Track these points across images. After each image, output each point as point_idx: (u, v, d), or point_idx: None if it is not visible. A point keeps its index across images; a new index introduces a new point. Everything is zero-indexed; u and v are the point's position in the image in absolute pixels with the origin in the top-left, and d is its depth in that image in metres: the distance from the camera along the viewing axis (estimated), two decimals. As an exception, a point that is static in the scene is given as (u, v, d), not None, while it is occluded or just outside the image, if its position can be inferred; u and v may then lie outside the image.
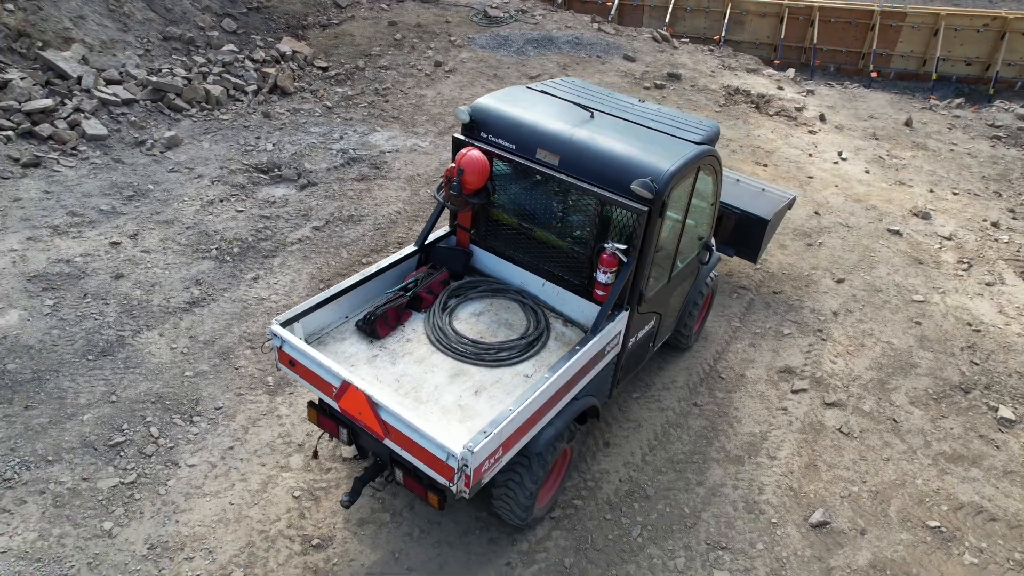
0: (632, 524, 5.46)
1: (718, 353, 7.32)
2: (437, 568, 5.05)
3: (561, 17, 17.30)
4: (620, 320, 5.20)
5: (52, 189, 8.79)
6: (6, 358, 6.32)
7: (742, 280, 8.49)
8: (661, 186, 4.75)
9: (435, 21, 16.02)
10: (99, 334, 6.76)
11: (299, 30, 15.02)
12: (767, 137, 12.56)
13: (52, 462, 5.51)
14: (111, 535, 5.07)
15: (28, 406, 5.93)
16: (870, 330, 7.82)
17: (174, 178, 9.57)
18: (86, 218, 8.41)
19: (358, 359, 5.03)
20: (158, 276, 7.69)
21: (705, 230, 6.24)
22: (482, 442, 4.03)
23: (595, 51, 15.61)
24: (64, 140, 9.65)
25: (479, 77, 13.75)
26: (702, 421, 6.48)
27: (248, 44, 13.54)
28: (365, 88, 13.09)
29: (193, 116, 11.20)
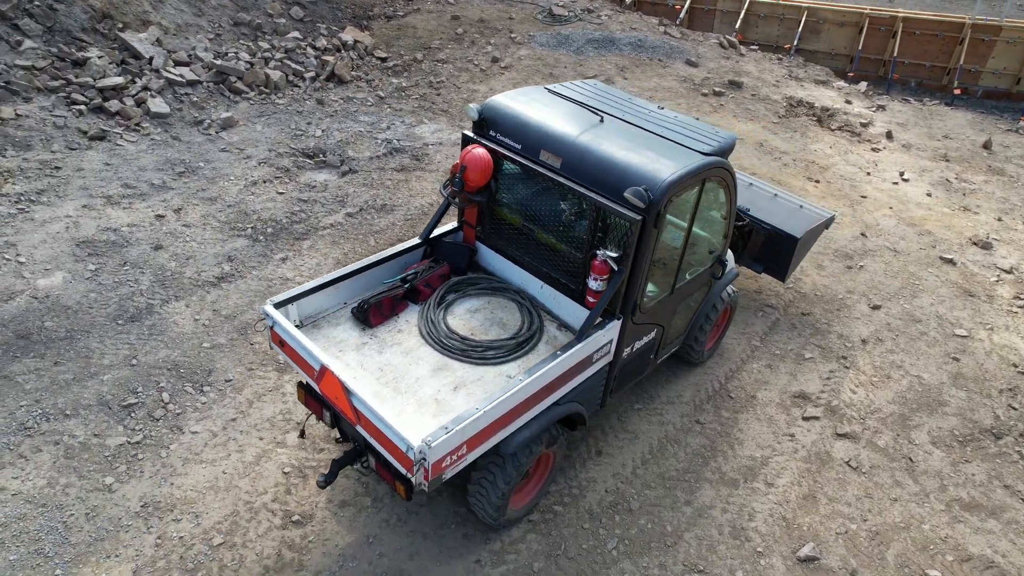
0: (610, 536, 5.38)
1: (731, 371, 7.10)
2: (407, 557, 5.13)
3: (627, 18, 17.07)
4: (611, 329, 5.13)
5: (112, 162, 9.36)
6: (46, 316, 6.79)
7: (770, 298, 8.19)
8: (657, 195, 4.65)
9: (498, 17, 16.10)
10: (131, 301, 7.17)
11: (364, 20, 15.40)
12: (824, 152, 12.04)
13: (69, 416, 5.89)
14: (111, 490, 5.39)
15: (57, 362, 6.36)
16: (900, 362, 7.41)
17: (224, 157, 10.01)
18: (138, 191, 8.91)
19: (347, 345, 5.16)
20: (194, 250, 8.08)
21: (717, 244, 6.06)
22: (441, 438, 4.07)
23: (657, 54, 15.33)
24: (129, 116, 10.25)
25: (534, 75, 13.75)
26: (702, 439, 6.31)
27: (312, 32, 13.99)
28: (420, 80, 13.31)
29: (251, 99, 11.68)
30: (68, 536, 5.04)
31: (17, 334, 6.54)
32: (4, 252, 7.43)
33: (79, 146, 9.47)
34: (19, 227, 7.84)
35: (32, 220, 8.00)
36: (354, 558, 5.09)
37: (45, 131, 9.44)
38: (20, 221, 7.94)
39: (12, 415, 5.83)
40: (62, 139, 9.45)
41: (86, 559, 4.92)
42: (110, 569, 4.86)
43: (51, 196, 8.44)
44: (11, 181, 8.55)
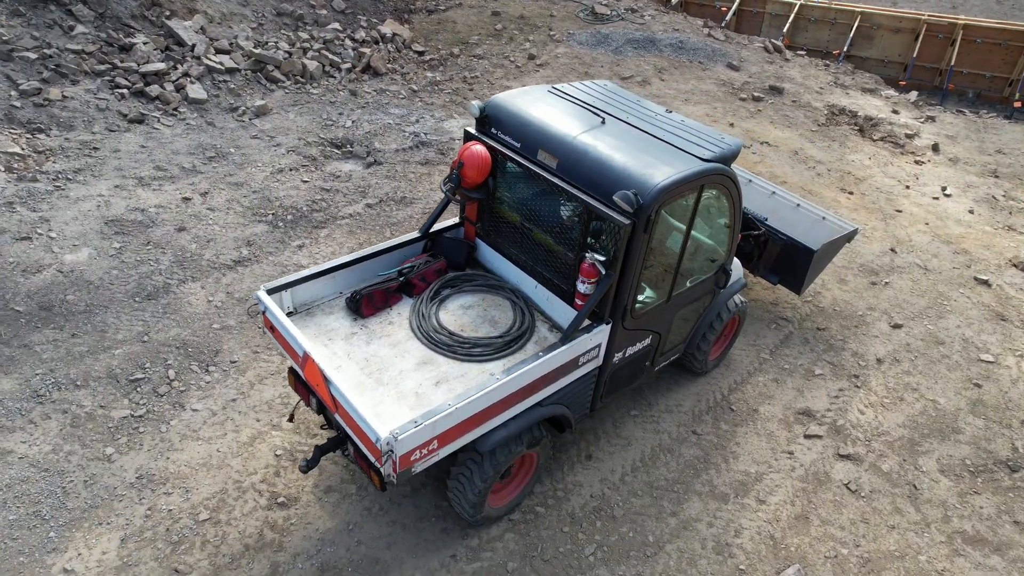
0: (588, 542, 5.34)
1: (736, 383, 6.94)
2: (385, 546, 5.20)
3: (671, 19, 16.80)
4: (599, 333, 5.08)
5: (147, 144, 9.71)
6: (68, 290, 7.10)
7: (786, 311, 7.98)
8: (647, 200, 4.58)
9: (539, 14, 16.06)
10: (150, 279, 7.43)
11: (405, 13, 15.56)
12: (862, 163, 11.64)
13: (79, 387, 6.15)
14: (110, 460, 5.61)
15: (74, 334, 6.65)
16: (915, 384, 7.12)
17: (254, 144, 10.26)
18: (168, 173, 9.22)
19: (337, 334, 5.24)
20: (215, 233, 8.32)
21: (721, 253, 5.93)
22: (409, 431, 4.11)
23: (698, 57, 15.05)
24: (168, 101, 10.61)
25: (569, 73, 13.67)
26: (696, 451, 6.20)
27: (352, 24, 14.20)
28: (454, 75, 13.38)
29: (287, 88, 11.94)
30: (65, 501, 5.27)
31: (40, 305, 6.85)
32: (37, 227, 7.79)
33: (118, 128, 9.84)
34: (54, 204, 8.21)
35: (67, 197, 8.36)
36: (332, 543, 5.18)
37: (88, 113, 9.85)
38: (56, 198, 8.31)
39: (27, 382, 6.11)
40: (103, 121, 9.84)
41: (79, 524, 5.13)
42: (100, 536, 5.07)
43: (87, 175, 8.81)
44: (52, 159, 8.95)
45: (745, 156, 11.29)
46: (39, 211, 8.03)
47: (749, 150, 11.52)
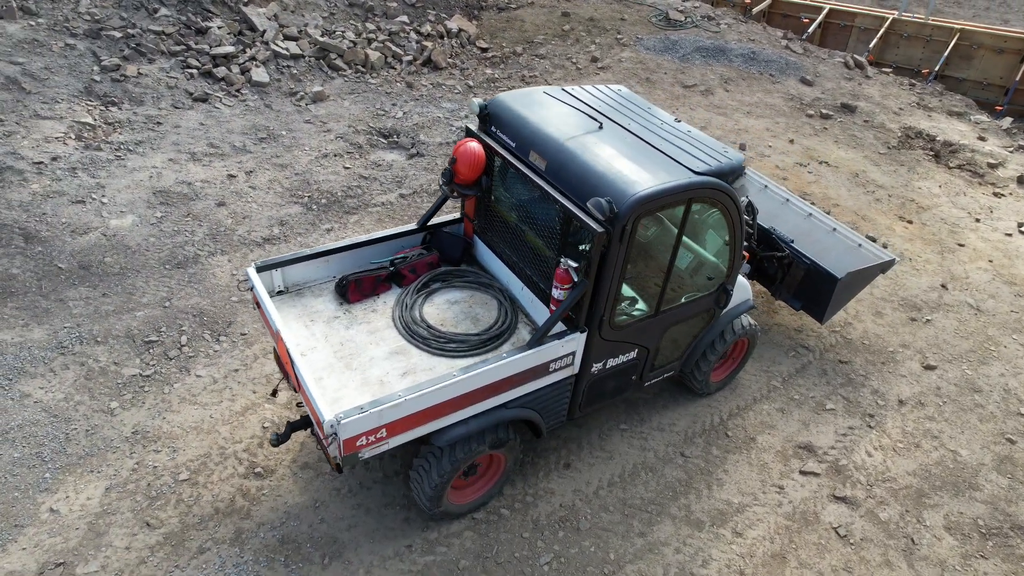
0: (547, 551, 5.27)
1: (738, 408, 6.66)
2: (346, 527, 5.31)
3: (748, 29, 16.22)
4: (572, 341, 5.00)
5: (206, 122, 10.26)
6: (108, 252, 7.62)
7: (809, 339, 7.58)
8: (623, 209, 4.47)
9: (610, 17, 15.87)
10: (182, 249, 7.87)
11: (476, 10, 15.73)
12: (929, 191, 10.87)
13: (99, 343, 6.59)
14: (112, 414, 6.00)
15: (105, 294, 7.13)
16: (937, 431, 6.61)
17: (306, 128, 10.66)
18: (220, 151, 9.72)
19: (320, 316, 5.39)
20: (252, 211, 8.71)
21: (720, 271, 5.70)
22: (353, 417, 4.19)
23: (769, 69, 14.47)
24: (232, 83, 11.18)
25: (630, 78, 13.45)
26: (680, 473, 5.99)
27: (420, 17, 14.49)
28: (513, 73, 13.43)
29: (347, 76, 12.33)
30: (66, 447, 5.68)
31: (80, 264, 7.39)
32: (93, 192, 8.39)
33: (183, 106, 10.46)
34: (112, 172, 8.82)
35: (124, 167, 8.96)
36: (297, 518, 5.35)
37: (158, 90, 10.51)
38: (114, 167, 8.93)
39: (55, 334, 6.61)
40: (170, 98, 10.48)
41: (73, 469, 5.51)
42: (88, 482, 5.43)
43: (146, 148, 9.41)
44: (118, 131, 9.61)
45: (799, 175, 10.78)
46: (97, 178, 8.65)
47: (805, 168, 11.00)
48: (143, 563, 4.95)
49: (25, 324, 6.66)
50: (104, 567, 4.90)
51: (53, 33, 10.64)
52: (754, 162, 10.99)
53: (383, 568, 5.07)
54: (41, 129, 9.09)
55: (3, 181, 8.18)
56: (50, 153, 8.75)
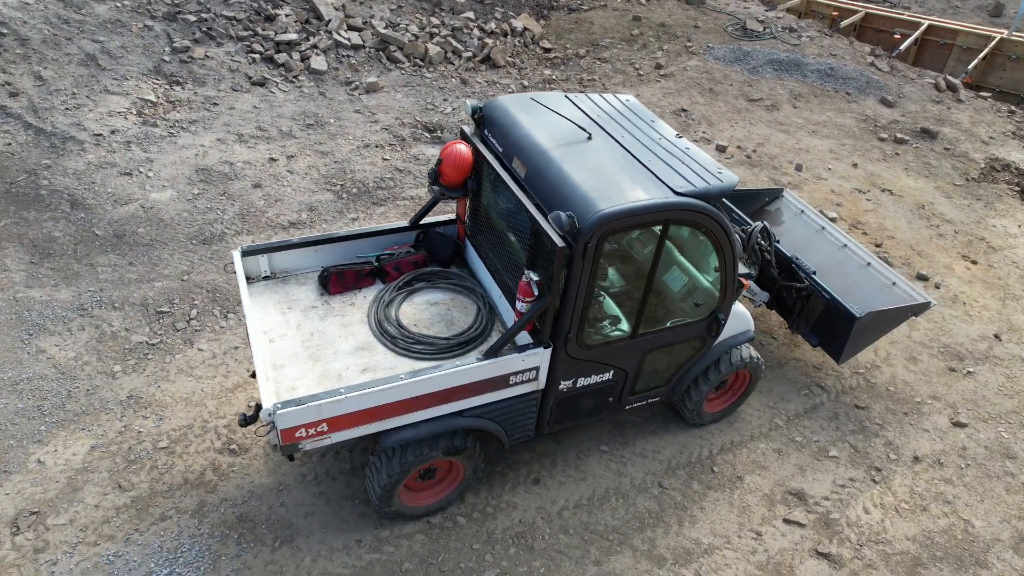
0: (493, 566, 5.17)
1: (731, 443, 6.31)
2: (303, 514, 5.39)
3: (831, 43, 15.32)
4: (533, 356, 4.86)
5: (260, 106, 10.67)
6: (142, 224, 8.05)
7: (827, 378, 7.08)
8: (585, 226, 4.30)
9: (683, 24, 15.37)
10: (211, 227, 8.22)
11: (546, 9, 15.61)
12: (1006, 231, 9.92)
13: (116, 309, 6.98)
14: (114, 376, 6.33)
15: (131, 263, 7.54)
16: (951, 496, 6.02)
17: (354, 118, 10.90)
18: (267, 134, 10.08)
19: (298, 304, 5.48)
20: (285, 194, 8.99)
21: (710, 297, 5.40)
22: (290, 408, 4.23)
23: (847, 87, 13.62)
24: (291, 69, 11.57)
25: (691, 88, 12.99)
26: (652, 504, 5.73)
27: (486, 14, 14.52)
28: (571, 76, 13.25)
29: (404, 69, 12.52)
30: (66, 403, 6.04)
31: (115, 233, 7.84)
32: (141, 165, 8.89)
33: (240, 88, 10.91)
34: (162, 148, 9.31)
35: (175, 143, 9.44)
36: (259, 498, 5.47)
37: (220, 72, 11.01)
38: (166, 143, 9.43)
39: (79, 296, 7.05)
40: (230, 80, 10.96)
41: (67, 425, 5.86)
42: (77, 439, 5.75)
43: (198, 127, 9.88)
44: (177, 109, 10.15)
45: (856, 202, 10.10)
46: (148, 152, 9.16)
47: (863, 195, 10.29)
48: (107, 522, 5.19)
49: (55, 284, 7.14)
50: (72, 521, 5.18)
51: (135, 14, 11.33)
52: (807, 185, 10.38)
53: (329, 559, 5.11)
54: (107, 103, 9.71)
55: (64, 150, 8.80)
56: (110, 126, 9.34)
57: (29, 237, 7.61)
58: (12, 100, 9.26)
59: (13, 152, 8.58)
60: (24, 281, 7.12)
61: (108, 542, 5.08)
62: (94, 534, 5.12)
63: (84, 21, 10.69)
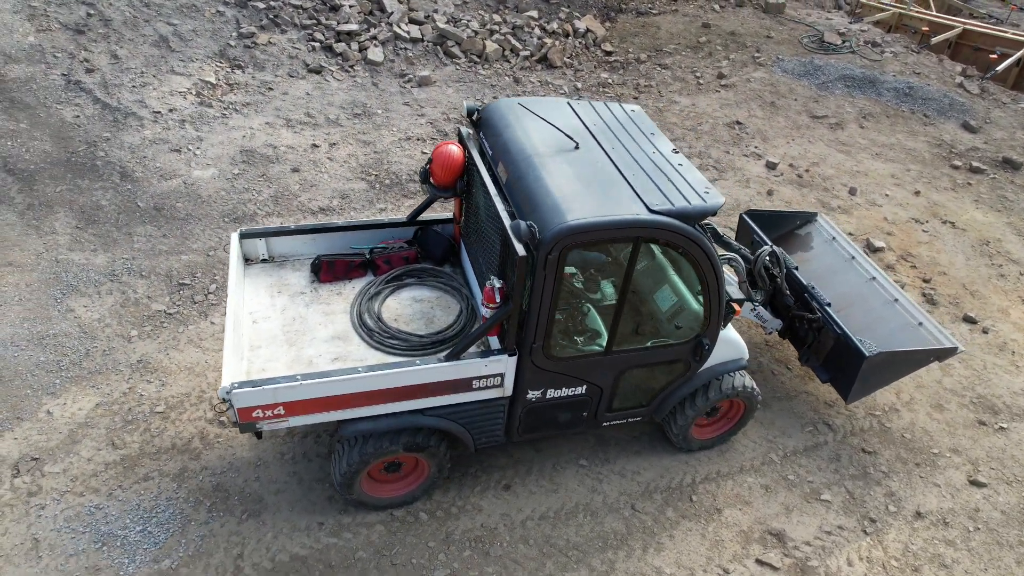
0: (445, 566, 5.19)
1: (717, 473, 6.07)
2: (274, 491, 5.58)
3: (916, 60, 14.37)
4: (497, 362, 4.83)
5: (313, 93, 11.05)
6: (181, 199, 8.51)
7: (837, 416, 6.68)
8: (546, 237, 4.24)
9: (754, 33, 14.80)
10: (244, 206, 8.59)
11: (613, 12, 15.38)
12: (1077, 277, 9.05)
13: (143, 277, 7.41)
14: (129, 340, 6.74)
15: (165, 235, 7.99)
16: (950, 560, 5.57)
17: (401, 110, 11.11)
18: (314, 120, 10.43)
19: (288, 289, 5.66)
20: (321, 180, 9.28)
21: (693, 321, 5.20)
22: (246, 389, 4.38)
23: (926, 108, 12.75)
24: (348, 59, 11.91)
25: (751, 100, 12.51)
26: (620, 525, 5.60)
27: (550, 13, 14.44)
28: (628, 80, 13.02)
29: (459, 65, 12.64)
30: (82, 361, 6.48)
31: (155, 205, 8.33)
32: (191, 143, 9.39)
33: (296, 75, 11.33)
34: (213, 127, 9.80)
35: (225, 124, 9.92)
36: (237, 471, 5.70)
37: (280, 58, 11.47)
38: (218, 123, 9.91)
39: (113, 262, 7.53)
40: (288, 67, 11.39)
41: (79, 381, 6.28)
42: (86, 395, 6.16)
43: (250, 110, 10.33)
44: (234, 91, 10.64)
45: (910, 232, 9.46)
46: (200, 131, 9.66)
47: (920, 226, 9.62)
48: (95, 476, 5.55)
49: (94, 249, 7.66)
50: (65, 471, 5.56)
51: (211, 0, 11.95)
52: (858, 210, 9.81)
53: (289, 537, 5.27)
54: (171, 83, 10.30)
55: (124, 124, 9.40)
56: (169, 105, 9.91)
57: (79, 204, 8.18)
58: (87, 76, 9.97)
59: (80, 124, 9.24)
60: (68, 244, 7.67)
61: (93, 494, 5.43)
62: (82, 485, 5.47)
63: (163, 5, 11.35)
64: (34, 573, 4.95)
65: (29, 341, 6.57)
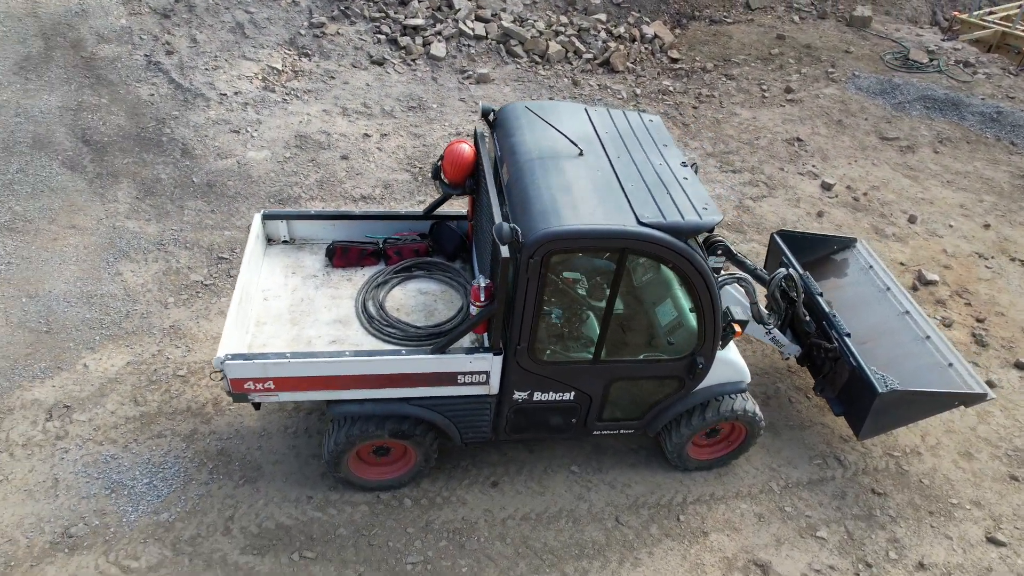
0: (419, 552, 5.32)
1: (710, 496, 5.93)
2: (273, 461, 5.87)
3: (1013, 83, 13.39)
4: (482, 360, 4.91)
5: (372, 84, 11.41)
6: (233, 177, 8.99)
7: (851, 452, 6.39)
8: (528, 241, 4.28)
9: (832, 47, 14.19)
10: (290, 189, 8.99)
11: (685, 18, 15.09)
12: None
13: (187, 248, 7.90)
14: (166, 306, 7.21)
15: (213, 211, 8.47)
16: (947, 616, 5.25)
17: (456, 106, 11.32)
18: (369, 111, 10.78)
19: (302, 271, 5.91)
20: (367, 169, 9.59)
21: (685, 338, 5.11)
22: (237, 362, 4.63)
23: (1014, 135, 11.88)
24: (411, 52, 12.21)
25: (817, 117, 12.02)
26: (601, 536, 5.57)
27: (619, 17, 14.31)
28: (690, 89, 12.76)
29: (520, 64, 12.74)
30: (122, 321, 6.98)
31: (208, 182, 8.84)
32: (249, 125, 9.90)
33: (359, 66, 11.72)
34: (273, 112, 10.29)
35: (285, 109, 10.39)
36: (242, 438, 6.02)
37: (346, 49, 11.89)
38: (278, 108, 10.40)
39: (162, 232, 8.06)
40: (352, 57, 11.80)
41: (116, 339, 6.78)
42: (120, 353, 6.64)
43: (310, 97, 10.78)
44: (298, 78, 11.13)
45: (970, 267, 8.89)
46: (260, 114, 10.16)
47: (983, 261, 9.02)
48: (115, 428, 5.99)
49: (148, 219, 8.22)
50: (91, 420, 6.03)
51: (288, -11, 12.52)
52: (915, 239, 9.29)
53: (278, 507, 5.54)
54: (240, 68, 10.87)
55: (192, 104, 10.01)
56: (236, 88, 10.47)
57: (142, 176, 8.79)
58: (167, 57, 10.67)
59: (153, 102, 9.91)
60: (126, 212, 8.26)
61: (111, 445, 5.86)
62: (103, 436, 5.92)
63: (243, -8, 11.99)
64: (50, 509, 5.40)
65: (79, 299, 7.14)
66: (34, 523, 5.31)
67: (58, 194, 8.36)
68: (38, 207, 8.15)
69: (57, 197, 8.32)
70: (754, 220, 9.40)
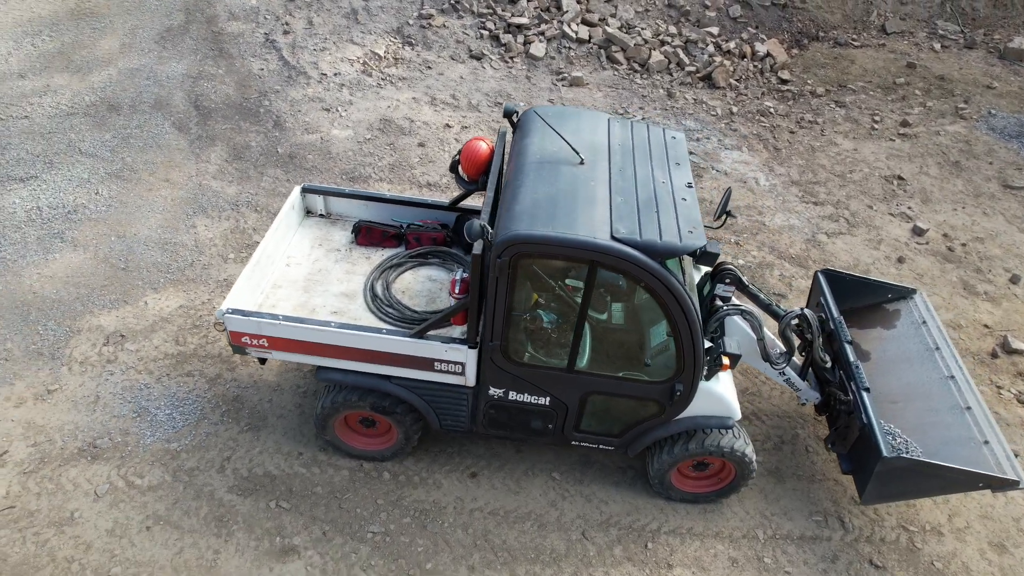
0: (383, 524, 5.56)
1: (687, 530, 5.73)
2: (278, 415, 6.34)
3: None
4: (456, 351, 5.07)
5: (465, 77, 11.79)
6: (313, 152, 9.66)
7: (858, 517, 5.92)
8: (497, 241, 4.36)
9: (971, 81, 12.89)
10: (363, 168, 9.54)
11: (807, 39, 14.27)
12: None
13: (256, 211, 8.60)
14: (225, 260, 7.91)
15: (288, 180, 9.15)
16: None
17: (540, 107, 11.44)
18: (455, 104, 11.15)
19: (328, 244, 6.32)
20: (439, 158, 9.97)
21: (663, 361, 4.97)
22: (235, 316, 5.08)
23: None
24: (510, 50, 12.47)
25: (930, 155, 11.01)
26: (562, 546, 5.55)
27: (732, 31, 13.79)
28: (791, 112, 12.10)
29: (619, 71, 12.65)
30: (186, 268, 7.76)
31: (290, 154, 9.56)
32: (340, 106, 10.57)
33: (458, 58, 12.14)
34: (366, 95, 10.92)
35: (377, 94, 10.99)
36: (257, 389, 6.55)
37: (448, 41, 12.35)
38: (372, 92, 11.01)
39: (240, 194, 8.83)
40: (452, 49, 12.24)
41: (176, 284, 7.56)
42: (176, 297, 7.40)
43: (403, 84, 11.32)
44: (396, 65, 11.72)
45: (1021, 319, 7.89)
46: (353, 97, 10.82)
47: (1086, 338, 7.94)
48: (155, 360, 6.71)
49: (230, 181, 9.04)
50: (137, 351, 6.79)
51: (407, -19, 13.17)
52: (1009, 301, 8.34)
53: (270, 457, 5.99)
54: (344, 51, 11.62)
55: (294, 81, 10.84)
56: (336, 69, 11.20)
57: (235, 141, 9.66)
58: (283, 36, 11.61)
59: (262, 76, 10.83)
60: (214, 173, 9.13)
61: (147, 375, 6.58)
62: (143, 366, 6.66)
63: (364, -19, 12.76)
64: (87, 420, 6.17)
65: (156, 244, 8.01)
66: (71, 430, 6.09)
67: (163, 150, 9.38)
68: (144, 160, 9.20)
69: (162, 153, 9.34)
70: (823, 256, 8.82)
